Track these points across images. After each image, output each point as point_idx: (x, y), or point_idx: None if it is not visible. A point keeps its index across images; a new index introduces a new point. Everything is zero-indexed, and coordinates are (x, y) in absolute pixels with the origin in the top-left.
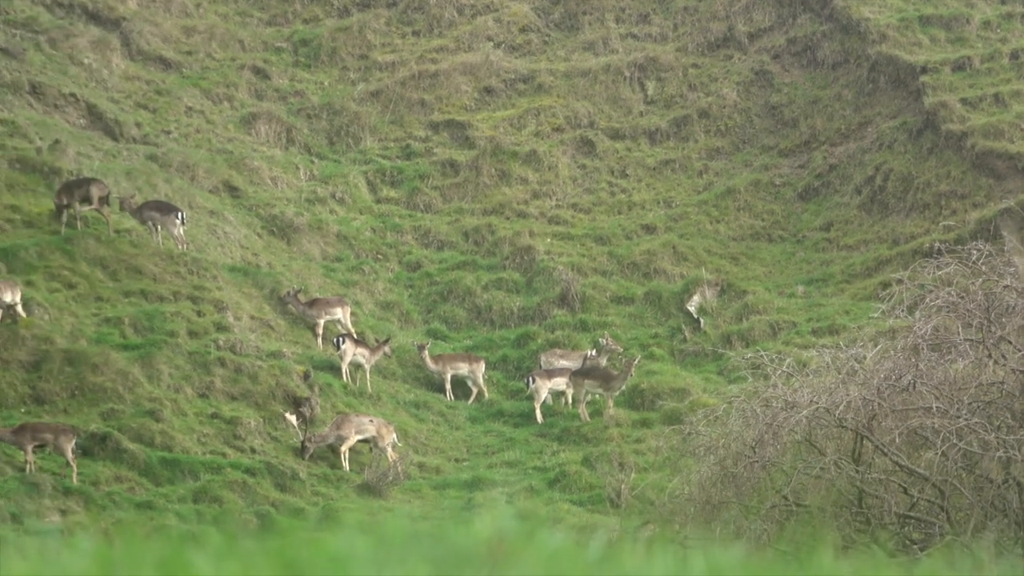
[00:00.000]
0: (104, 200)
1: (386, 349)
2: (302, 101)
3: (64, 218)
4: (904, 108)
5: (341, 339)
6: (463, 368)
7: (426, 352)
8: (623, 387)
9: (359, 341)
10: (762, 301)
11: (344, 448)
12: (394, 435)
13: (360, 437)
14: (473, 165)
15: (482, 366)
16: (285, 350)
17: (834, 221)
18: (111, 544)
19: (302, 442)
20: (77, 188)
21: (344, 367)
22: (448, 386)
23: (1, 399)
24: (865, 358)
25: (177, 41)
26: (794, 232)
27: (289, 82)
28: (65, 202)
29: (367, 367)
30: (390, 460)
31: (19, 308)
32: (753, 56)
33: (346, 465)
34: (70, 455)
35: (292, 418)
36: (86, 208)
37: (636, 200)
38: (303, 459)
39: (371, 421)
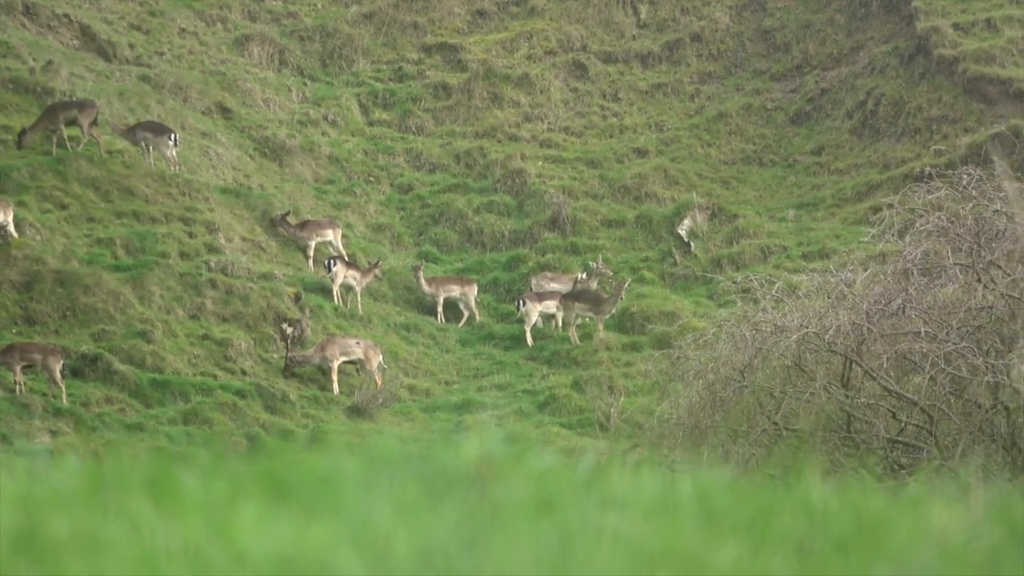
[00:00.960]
0: (93, 123)
1: (377, 271)
2: (295, 23)
3: (27, 141)
4: (896, 33)
5: (332, 261)
6: (455, 291)
7: (421, 273)
8: (613, 310)
9: (350, 263)
10: (753, 225)
11: (333, 368)
12: (381, 357)
13: (346, 359)
14: (465, 88)
15: (474, 289)
16: (276, 272)
17: (825, 145)
18: (100, 464)
19: (284, 360)
20: (63, 111)
21: (335, 289)
22: (440, 308)
23: None
24: (855, 282)
25: None
26: (785, 156)
27: (282, 4)
28: (47, 126)
29: (358, 289)
30: (378, 383)
31: (11, 228)
32: None
33: (335, 388)
34: (58, 376)
35: (290, 330)
36: (81, 133)
37: (628, 124)
38: (284, 377)
39: (358, 343)
